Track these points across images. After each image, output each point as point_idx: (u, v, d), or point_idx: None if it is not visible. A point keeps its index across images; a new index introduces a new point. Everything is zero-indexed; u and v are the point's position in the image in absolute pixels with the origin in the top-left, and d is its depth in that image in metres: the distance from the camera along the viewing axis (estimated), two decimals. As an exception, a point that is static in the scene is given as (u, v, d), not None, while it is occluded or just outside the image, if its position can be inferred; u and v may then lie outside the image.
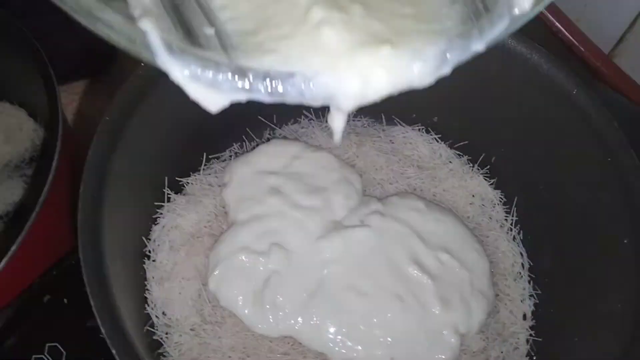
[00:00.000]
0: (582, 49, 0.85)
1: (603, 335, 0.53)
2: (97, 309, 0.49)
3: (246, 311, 0.61)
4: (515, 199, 0.74)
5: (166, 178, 0.68)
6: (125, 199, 0.59)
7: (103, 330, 0.49)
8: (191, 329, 0.63)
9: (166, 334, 0.63)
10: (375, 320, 0.61)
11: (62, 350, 0.73)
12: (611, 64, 0.86)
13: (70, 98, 0.90)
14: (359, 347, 0.60)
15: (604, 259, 0.57)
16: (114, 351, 0.49)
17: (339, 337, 0.61)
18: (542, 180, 0.68)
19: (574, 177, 0.63)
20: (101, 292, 0.50)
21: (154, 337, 0.62)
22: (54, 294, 0.74)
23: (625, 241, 0.54)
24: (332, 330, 0.61)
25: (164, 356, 0.61)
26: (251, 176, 0.69)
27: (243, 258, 0.63)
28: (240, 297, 0.62)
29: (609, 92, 0.87)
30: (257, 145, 0.75)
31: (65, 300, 0.76)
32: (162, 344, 0.62)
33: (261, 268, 0.63)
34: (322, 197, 0.68)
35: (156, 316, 0.63)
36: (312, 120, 0.80)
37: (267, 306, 0.61)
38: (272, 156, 0.71)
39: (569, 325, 0.61)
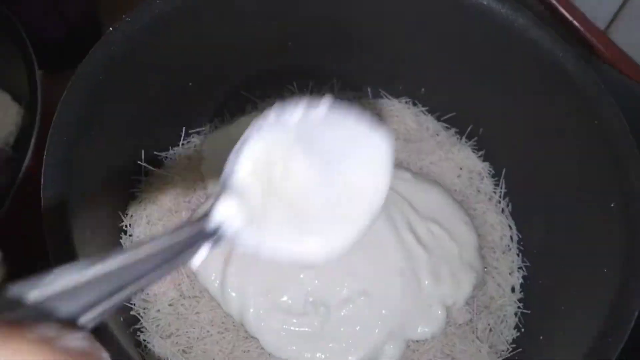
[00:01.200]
0: (578, 25, 0.84)
1: (589, 302, 0.51)
2: None
3: (216, 284, 0.60)
4: (504, 171, 0.72)
5: (143, 152, 0.66)
6: (98, 172, 0.57)
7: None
8: (169, 304, 0.61)
9: (144, 309, 0.61)
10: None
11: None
12: (608, 40, 0.84)
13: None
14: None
15: (592, 225, 0.55)
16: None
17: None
18: (531, 149, 0.66)
19: (562, 145, 0.61)
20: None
21: (131, 313, 0.60)
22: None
23: (612, 205, 0.52)
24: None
25: (142, 331, 0.60)
26: (230, 148, 0.67)
27: None
28: (214, 274, 0.60)
29: (606, 69, 0.85)
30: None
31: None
32: (139, 320, 0.60)
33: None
34: None
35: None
36: (295, 94, 0.78)
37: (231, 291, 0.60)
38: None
39: (556, 295, 0.59)
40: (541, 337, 0.58)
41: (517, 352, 0.62)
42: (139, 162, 0.65)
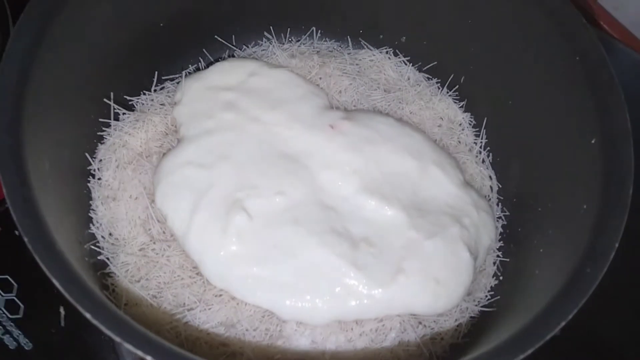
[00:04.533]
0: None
1: (568, 240, 0.50)
2: (22, 225, 0.43)
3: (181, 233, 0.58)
4: (485, 120, 0.71)
5: (112, 94, 0.63)
6: (57, 112, 0.55)
7: (30, 247, 0.44)
8: (139, 249, 0.59)
9: (112, 253, 0.59)
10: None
11: (13, 282, 0.70)
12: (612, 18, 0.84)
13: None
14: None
15: (572, 164, 0.54)
16: (43, 266, 0.43)
17: None
18: (512, 95, 0.65)
19: (543, 84, 0.59)
20: (25, 208, 0.45)
21: (100, 257, 0.58)
22: (4, 227, 0.71)
23: (593, 141, 0.50)
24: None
25: (110, 276, 0.58)
26: (204, 92, 0.65)
27: (187, 172, 0.59)
28: (179, 221, 0.58)
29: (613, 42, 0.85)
30: (215, 66, 0.71)
31: (16, 232, 0.73)
32: (108, 264, 0.59)
33: (204, 182, 0.59)
34: (287, 111, 0.65)
35: (102, 236, 0.60)
36: (272, 41, 0.76)
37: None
38: (227, 72, 0.67)
39: (535, 239, 0.58)
40: (519, 282, 0.57)
41: (495, 299, 0.61)
42: (106, 101, 0.62)
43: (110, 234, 0.60)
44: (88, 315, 0.37)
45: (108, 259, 0.59)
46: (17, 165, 0.44)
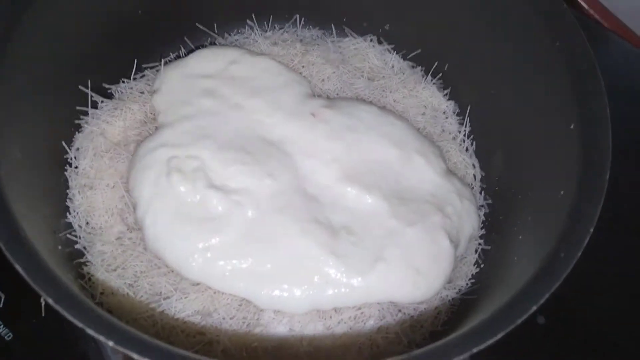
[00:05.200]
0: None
1: (544, 226, 0.49)
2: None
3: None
4: (469, 108, 0.70)
5: (89, 81, 0.63)
6: (32, 99, 0.54)
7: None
8: (116, 238, 0.59)
9: (88, 242, 0.59)
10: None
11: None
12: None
13: None
14: None
15: (552, 150, 0.54)
16: (6, 251, 0.42)
17: None
18: (494, 81, 0.65)
19: (524, 71, 0.59)
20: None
21: (76, 247, 0.58)
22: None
23: (572, 127, 0.50)
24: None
25: (86, 265, 0.58)
26: (183, 80, 0.65)
27: (158, 153, 0.58)
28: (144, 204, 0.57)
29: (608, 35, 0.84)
30: (195, 54, 0.70)
31: None
32: (84, 254, 0.58)
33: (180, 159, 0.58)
34: (268, 99, 0.64)
35: (79, 225, 0.59)
36: (255, 29, 0.75)
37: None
38: (207, 60, 0.67)
39: (515, 226, 0.58)
40: (499, 270, 0.57)
41: (475, 287, 0.60)
42: (83, 88, 0.61)
43: (87, 223, 0.60)
44: (50, 301, 0.36)
45: (84, 248, 0.58)
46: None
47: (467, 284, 0.61)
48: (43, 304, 0.68)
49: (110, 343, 0.34)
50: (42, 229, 0.48)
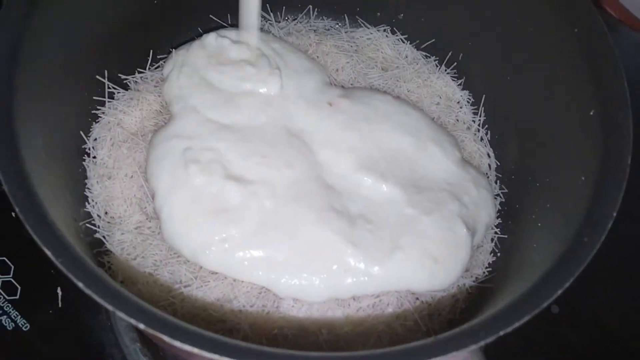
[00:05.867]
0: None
1: (565, 213, 0.49)
2: (13, 197, 0.42)
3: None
4: (483, 98, 0.70)
5: (106, 72, 0.63)
6: (50, 88, 0.54)
7: (21, 217, 0.43)
8: (135, 228, 0.59)
9: (108, 232, 0.59)
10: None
11: (10, 264, 0.70)
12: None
13: None
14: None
15: (571, 137, 0.53)
16: (34, 235, 0.42)
17: None
18: (510, 70, 0.64)
19: (541, 58, 0.59)
20: (17, 180, 0.43)
21: (95, 236, 0.58)
22: (1, 208, 0.70)
23: (592, 113, 0.50)
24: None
25: (106, 254, 0.58)
26: (191, 68, 0.64)
27: (176, 145, 0.58)
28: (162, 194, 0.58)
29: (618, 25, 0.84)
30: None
31: (13, 214, 0.73)
32: (103, 243, 0.58)
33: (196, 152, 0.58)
34: (285, 84, 0.64)
35: (98, 215, 0.59)
36: (270, 22, 0.75)
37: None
38: (213, 46, 0.66)
39: (533, 214, 0.58)
40: (517, 257, 0.57)
41: (492, 275, 0.60)
42: (99, 78, 0.61)
43: (106, 213, 0.60)
44: (80, 285, 0.36)
45: (104, 237, 0.59)
46: (9, 137, 0.44)
47: (484, 273, 0.61)
48: (60, 294, 0.69)
49: (141, 326, 0.34)
50: (65, 216, 0.48)
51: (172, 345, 0.34)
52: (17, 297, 0.69)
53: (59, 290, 0.68)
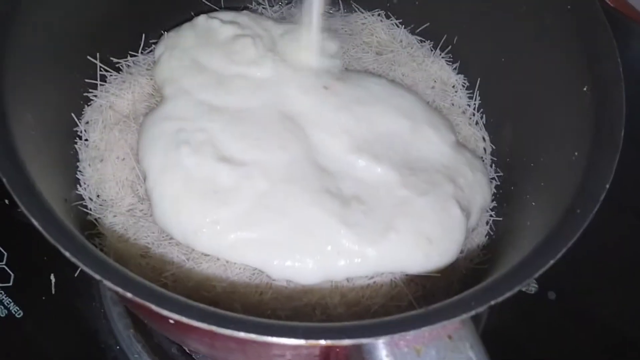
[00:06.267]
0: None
1: (558, 190, 0.49)
2: (5, 174, 0.41)
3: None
4: (478, 81, 0.70)
5: (98, 55, 0.62)
6: (40, 67, 0.53)
7: (8, 186, 0.42)
8: (127, 210, 0.59)
9: (100, 215, 0.58)
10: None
11: (3, 251, 0.69)
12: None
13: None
14: None
15: (564, 114, 0.53)
16: (35, 222, 0.41)
17: None
18: (504, 50, 0.64)
19: (535, 37, 0.59)
20: (8, 156, 0.43)
21: (87, 218, 0.58)
22: (-7, 195, 0.70)
23: (585, 89, 0.49)
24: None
25: (98, 237, 0.57)
26: (182, 50, 0.64)
27: (167, 126, 0.58)
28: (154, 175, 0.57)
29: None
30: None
31: (6, 201, 0.73)
32: (95, 225, 0.58)
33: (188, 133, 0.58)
34: (278, 67, 0.63)
35: (89, 198, 0.59)
36: (264, 7, 0.75)
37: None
38: (204, 28, 0.66)
39: (527, 194, 0.57)
40: (511, 237, 0.56)
41: (487, 257, 0.60)
42: (91, 59, 0.61)
43: (97, 196, 0.60)
44: (67, 254, 0.36)
45: (96, 219, 0.58)
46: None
47: (478, 255, 0.61)
48: (53, 281, 0.68)
49: (129, 295, 0.33)
50: (56, 197, 0.48)
51: (163, 328, 0.34)
52: (10, 284, 0.69)
53: (52, 277, 0.68)
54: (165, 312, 0.34)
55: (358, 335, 0.35)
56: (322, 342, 0.34)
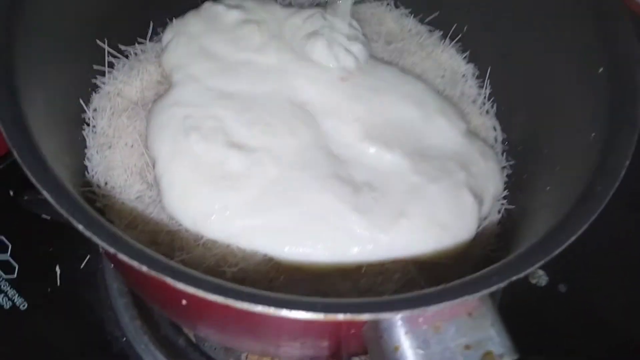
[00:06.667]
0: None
1: (575, 170, 0.48)
2: (11, 139, 0.40)
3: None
4: (489, 70, 0.69)
5: (106, 41, 0.62)
6: (49, 52, 0.53)
7: (25, 168, 0.41)
8: (136, 197, 0.58)
9: (109, 202, 0.58)
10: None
11: (7, 243, 0.69)
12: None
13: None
14: None
15: (579, 97, 0.53)
16: (47, 195, 0.39)
17: None
18: (515, 35, 0.64)
19: (547, 20, 0.58)
20: (20, 132, 0.42)
21: (97, 204, 0.57)
22: (-1, 187, 0.70)
23: (600, 70, 0.49)
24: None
25: (106, 224, 0.56)
26: (190, 36, 0.64)
27: (176, 112, 0.57)
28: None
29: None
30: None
31: (11, 193, 0.72)
32: (103, 213, 0.57)
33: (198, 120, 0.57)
34: (291, 51, 0.63)
35: (98, 185, 0.58)
36: (270, -2, 0.74)
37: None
38: (212, 14, 0.66)
39: (540, 179, 0.57)
40: (525, 223, 0.56)
41: (499, 245, 0.59)
42: (100, 43, 0.61)
43: (105, 183, 0.59)
44: (80, 227, 0.35)
45: (104, 206, 0.57)
46: (10, 92, 0.43)
47: (491, 243, 0.60)
48: (58, 272, 0.68)
49: (144, 268, 0.33)
50: (64, 175, 0.47)
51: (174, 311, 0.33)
52: (15, 276, 0.68)
53: (57, 269, 0.67)
54: (180, 286, 0.33)
55: (378, 310, 0.34)
56: (341, 316, 0.33)
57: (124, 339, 0.65)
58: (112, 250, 0.33)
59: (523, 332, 0.67)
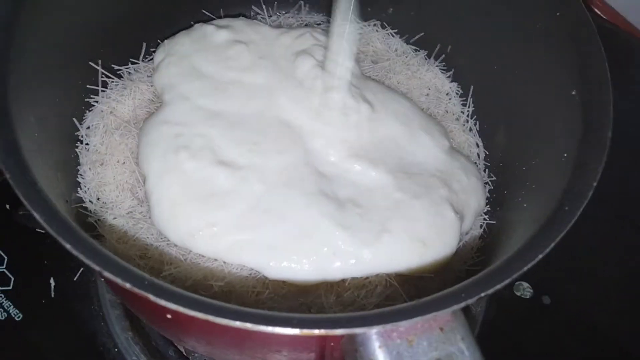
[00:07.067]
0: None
1: (547, 190, 0.50)
2: (9, 169, 0.42)
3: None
4: (471, 89, 0.71)
5: (100, 62, 0.64)
6: (42, 73, 0.55)
7: (16, 189, 0.43)
8: (127, 213, 0.60)
9: (100, 217, 0.59)
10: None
11: (3, 255, 0.70)
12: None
13: None
14: None
15: (554, 118, 0.55)
16: (36, 215, 0.41)
17: None
18: (496, 57, 0.66)
19: (525, 43, 0.60)
20: (11, 154, 0.44)
21: (88, 220, 0.59)
22: (-4, 201, 0.71)
23: (573, 92, 0.51)
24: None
25: (97, 239, 0.58)
26: (180, 57, 0.66)
27: (166, 131, 0.59)
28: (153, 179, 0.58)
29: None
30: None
31: (7, 206, 0.74)
32: (95, 227, 0.59)
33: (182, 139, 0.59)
34: (279, 70, 0.65)
35: (90, 201, 0.60)
36: (261, 17, 0.77)
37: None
38: (203, 35, 0.68)
39: (519, 197, 0.58)
40: (503, 238, 0.57)
41: (480, 259, 0.61)
42: (94, 65, 0.63)
43: (98, 199, 0.61)
44: (68, 246, 0.37)
45: (96, 222, 0.59)
46: (1, 112, 0.45)
47: (472, 257, 0.62)
48: (52, 285, 0.69)
49: (128, 285, 0.34)
50: (56, 194, 0.49)
51: (160, 324, 0.34)
52: (10, 287, 0.69)
53: (51, 281, 0.69)
54: (162, 302, 0.34)
55: (351, 325, 0.36)
56: (316, 331, 0.35)
57: (116, 349, 0.66)
58: (97, 268, 0.35)
59: (507, 343, 0.70)
